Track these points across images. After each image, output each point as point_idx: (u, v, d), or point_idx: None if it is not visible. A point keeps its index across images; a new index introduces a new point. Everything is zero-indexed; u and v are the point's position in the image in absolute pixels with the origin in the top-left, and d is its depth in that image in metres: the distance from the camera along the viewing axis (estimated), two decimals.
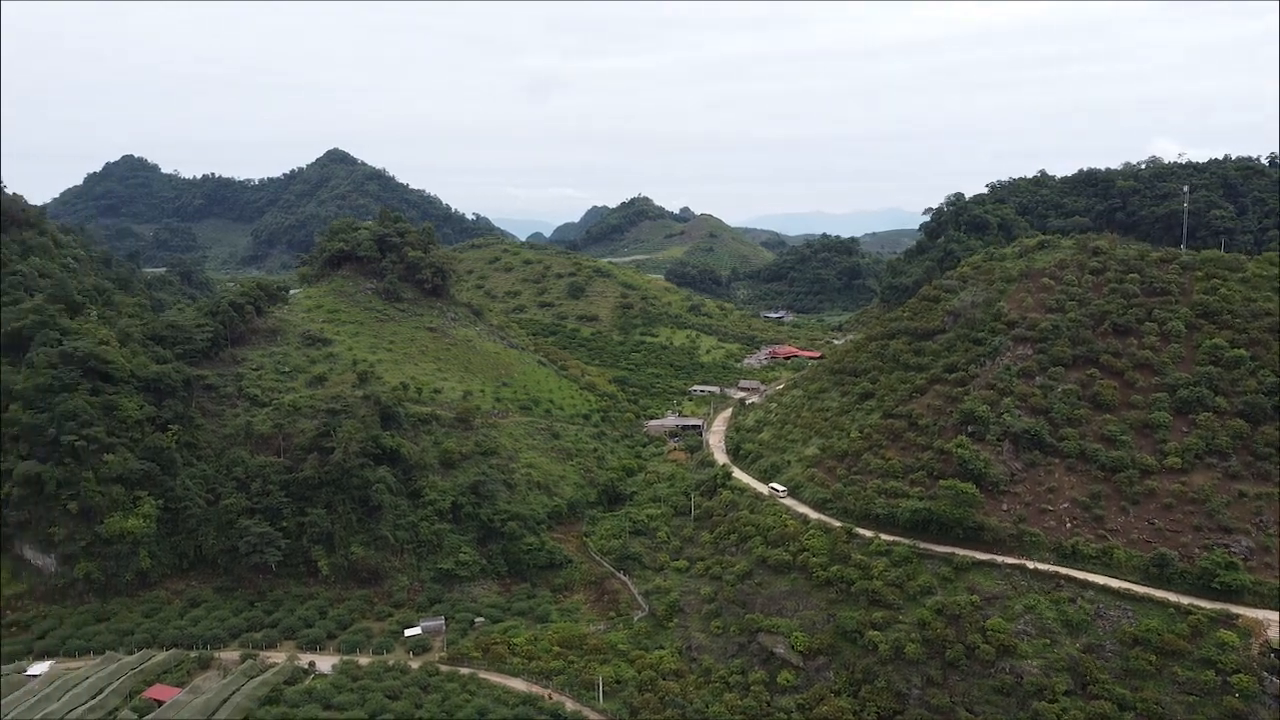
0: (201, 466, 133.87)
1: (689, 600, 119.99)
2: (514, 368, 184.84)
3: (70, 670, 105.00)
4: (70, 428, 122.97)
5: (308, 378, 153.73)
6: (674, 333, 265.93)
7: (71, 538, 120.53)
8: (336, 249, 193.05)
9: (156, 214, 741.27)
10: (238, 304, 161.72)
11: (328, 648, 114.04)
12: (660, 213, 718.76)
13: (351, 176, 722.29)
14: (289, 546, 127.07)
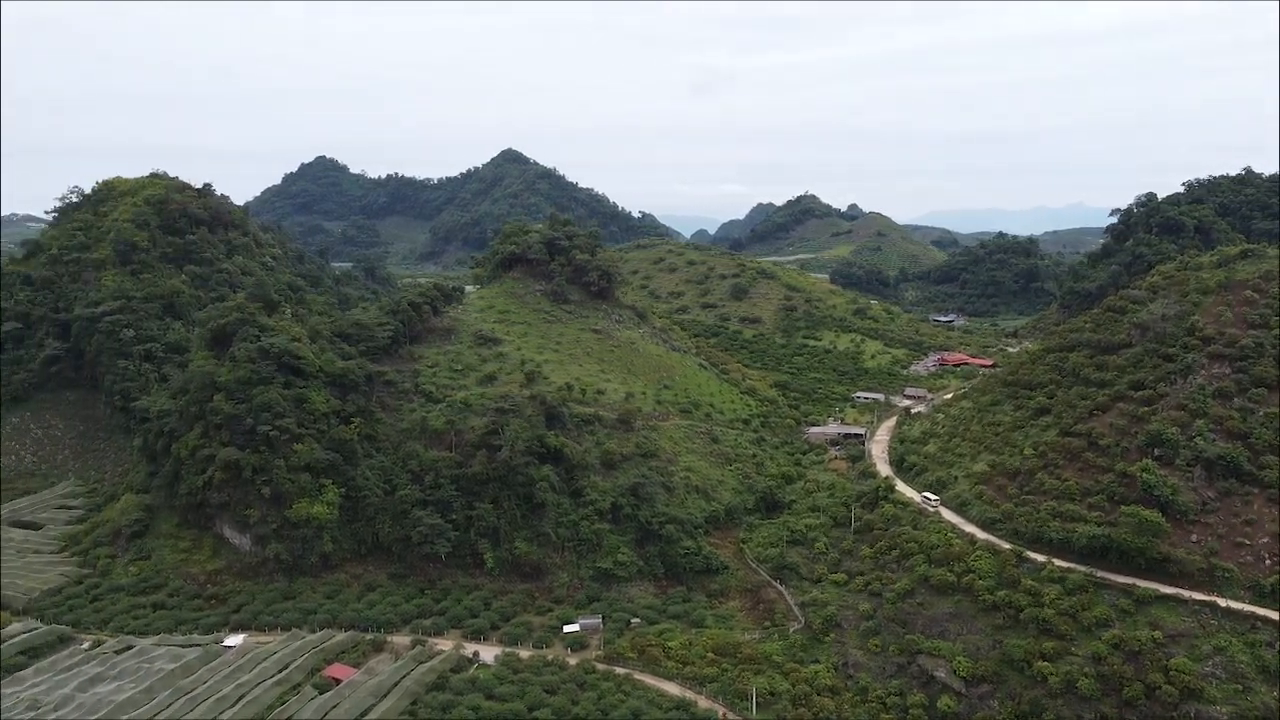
0: (380, 458, 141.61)
1: (847, 615, 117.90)
2: (675, 370, 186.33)
3: (260, 644, 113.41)
4: (265, 418, 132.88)
5: (479, 376, 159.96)
6: (838, 336, 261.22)
7: (264, 520, 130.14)
8: (508, 252, 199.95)
9: (345, 211, 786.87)
10: (416, 304, 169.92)
11: (491, 638, 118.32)
12: (827, 210, 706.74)
13: (524, 176, 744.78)
14: (458, 538, 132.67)
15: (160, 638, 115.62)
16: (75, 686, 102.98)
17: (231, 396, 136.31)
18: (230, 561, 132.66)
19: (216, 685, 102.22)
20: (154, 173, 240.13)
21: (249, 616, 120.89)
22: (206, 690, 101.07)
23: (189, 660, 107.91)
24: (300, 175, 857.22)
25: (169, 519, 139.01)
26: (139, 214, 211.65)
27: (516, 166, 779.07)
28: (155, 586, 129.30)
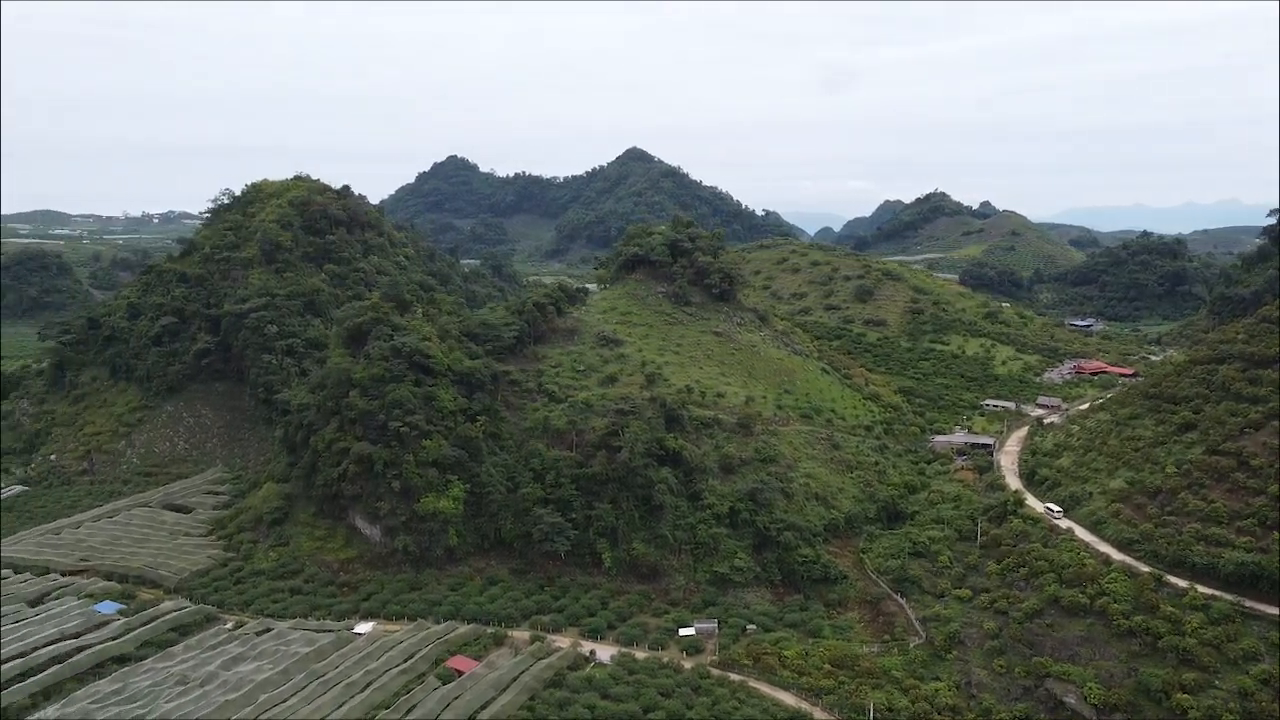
0: (503, 456, 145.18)
1: (970, 633, 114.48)
2: (797, 374, 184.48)
3: (388, 632, 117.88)
4: (397, 415, 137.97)
5: (600, 377, 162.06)
6: (966, 341, 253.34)
7: (393, 512, 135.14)
8: (631, 253, 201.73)
9: (474, 209, 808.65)
10: (541, 304, 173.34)
11: (607, 638, 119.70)
12: (957, 208, 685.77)
13: (648, 174, 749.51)
14: (577, 537, 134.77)
15: (296, 622, 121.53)
16: (219, 664, 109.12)
17: (365, 393, 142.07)
18: (361, 551, 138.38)
19: (347, 671, 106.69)
20: (297, 175, 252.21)
21: (378, 605, 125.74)
22: (337, 675, 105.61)
23: (322, 645, 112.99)
24: (433, 174, 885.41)
25: (306, 508, 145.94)
26: (283, 215, 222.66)
27: (641, 165, 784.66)
28: (293, 572, 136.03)
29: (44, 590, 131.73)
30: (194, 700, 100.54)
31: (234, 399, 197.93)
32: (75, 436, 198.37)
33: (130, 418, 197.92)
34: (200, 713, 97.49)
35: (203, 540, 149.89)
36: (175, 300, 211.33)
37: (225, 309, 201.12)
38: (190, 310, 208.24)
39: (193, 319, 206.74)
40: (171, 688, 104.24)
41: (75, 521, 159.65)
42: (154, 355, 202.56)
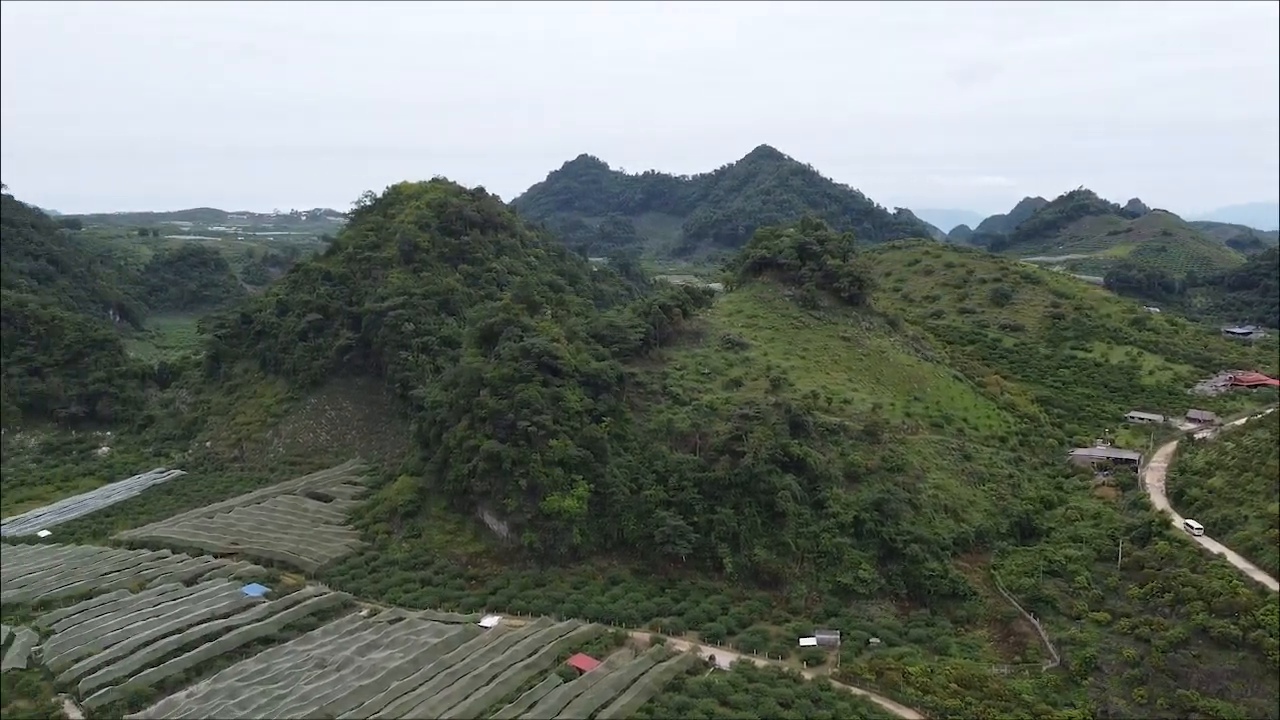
0: (627, 457, 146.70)
1: (1108, 659, 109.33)
2: (927, 381, 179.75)
3: (512, 627, 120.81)
4: (525, 414, 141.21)
5: (725, 380, 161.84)
6: (1111, 348, 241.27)
7: (520, 509, 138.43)
8: (758, 256, 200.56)
9: (603, 208, 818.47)
10: (667, 307, 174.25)
11: (727, 643, 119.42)
12: (1103, 207, 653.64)
13: (777, 172, 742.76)
14: (698, 541, 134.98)
15: (426, 613, 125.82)
16: (355, 650, 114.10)
17: (496, 392, 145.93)
18: (489, 546, 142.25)
19: (473, 663, 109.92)
20: (435, 178, 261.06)
21: (503, 600, 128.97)
22: (464, 667, 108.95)
23: (450, 636, 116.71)
24: (563, 173, 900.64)
25: (438, 502, 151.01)
26: (421, 217, 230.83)
27: (770, 163, 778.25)
28: (424, 563, 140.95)
29: (198, 571, 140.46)
30: (331, 683, 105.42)
31: (373, 393, 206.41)
32: (228, 425, 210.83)
33: (278, 409, 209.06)
34: (336, 696, 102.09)
35: (341, 529, 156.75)
36: (320, 298, 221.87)
37: (366, 307, 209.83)
38: (333, 308, 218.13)
39: (336, 316, 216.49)
40: (310, 670, 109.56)
41: (226, 506, 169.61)
42: (300, 350, 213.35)
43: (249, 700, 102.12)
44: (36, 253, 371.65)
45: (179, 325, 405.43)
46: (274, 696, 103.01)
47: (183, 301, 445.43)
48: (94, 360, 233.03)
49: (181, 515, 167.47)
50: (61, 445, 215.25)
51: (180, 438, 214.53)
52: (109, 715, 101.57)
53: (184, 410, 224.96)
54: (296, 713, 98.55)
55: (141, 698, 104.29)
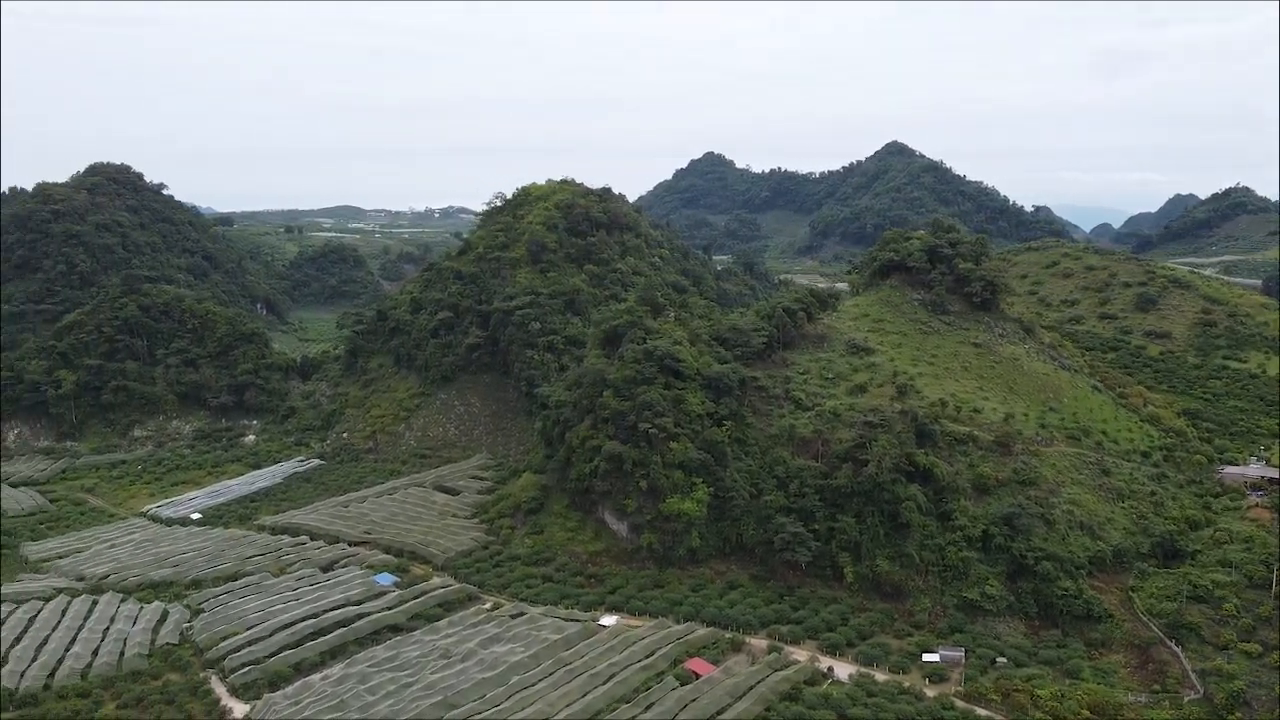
0: (748, 462, 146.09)
1: (1258, 694, 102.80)
2: (1063, 391, 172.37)
3: (630, 627, 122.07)
4: (647, 416, 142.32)
5: (849, 386, 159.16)
6: (1268, 359, 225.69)
7: (640, 510, 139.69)
8: (886, 259, 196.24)
9: (728, 205, 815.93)
10: (791, 310, 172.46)
11: (846, 655, 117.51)
12: (1263, 204, 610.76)
13: (908, 169, 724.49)
14: (819, 549, 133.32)
15: (547, 609, 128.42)
16: (478, 642, 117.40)
17: (618, 394, 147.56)
18: (609, 545, 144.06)
19: (591, 661, 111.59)
20: (563, 179, 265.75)
21: (622, 599, 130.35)
22: (583, 665, 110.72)
23: (570, 633, 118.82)
24: (689, 171, 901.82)
25: (560, 499, 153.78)
26: (549, 218, 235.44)
27: (900, 159, 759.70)
28: (545, 560, 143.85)
29: (334, 558, 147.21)
30: (455, 674, 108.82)
31: (499, 390, 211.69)
32: (363, 418, 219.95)
33: (410, 403, 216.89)
34: (460, 686, 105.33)
35: (467, 522, 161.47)
36: (451, 296, 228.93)
37: (494, 306, 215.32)
38: (464, 306, 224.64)
39: (465, 314, 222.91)
40: (436, 660, 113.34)
41: (360, 496, 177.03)
42: (431, 347, 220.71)
43: (378, 686, 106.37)
44: (193, 250, 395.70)
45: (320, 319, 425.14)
46: (402, 684, 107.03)
47: (323, 296, 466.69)
48: (242, 353, 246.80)
49: (320, 503, 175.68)
50: (212, 432, 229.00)
51: (319, 428, 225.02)
52: (250, 693, 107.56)
53: (323, 402, 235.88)
54: (422, 701, 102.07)
55: (280, 678, 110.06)
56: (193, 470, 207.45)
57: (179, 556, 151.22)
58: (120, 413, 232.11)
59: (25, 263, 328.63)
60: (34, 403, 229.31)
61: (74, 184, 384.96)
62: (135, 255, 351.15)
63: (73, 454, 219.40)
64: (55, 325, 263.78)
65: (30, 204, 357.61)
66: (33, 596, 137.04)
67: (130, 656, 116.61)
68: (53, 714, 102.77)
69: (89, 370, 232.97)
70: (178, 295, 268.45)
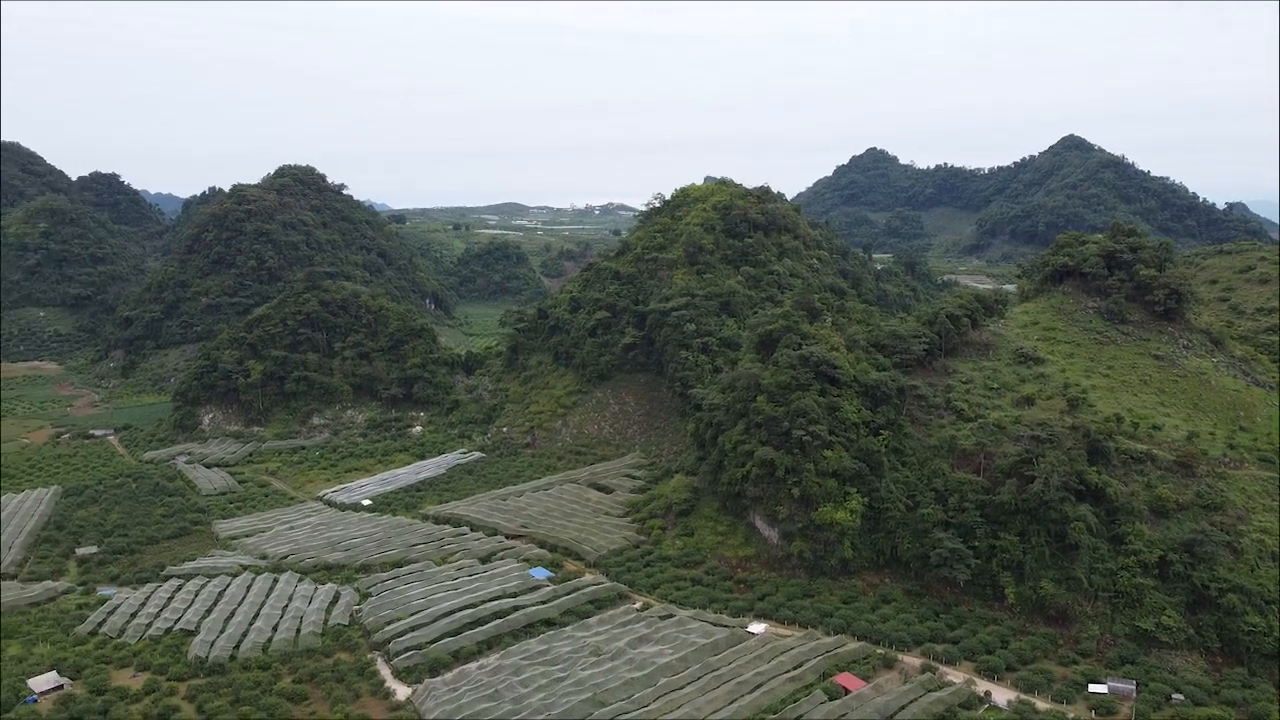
0: (904, 473, 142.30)
1: None
2: (1256, 409, 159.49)
3: (778, 636, 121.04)
4: (800, 423, 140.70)
5: (1014, 397, 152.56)
6: None
7: (791, 518, 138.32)
8: (1060, 263, 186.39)
9: (890, 202, 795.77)
10: (954, 316, 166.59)
11: (1005, 679, 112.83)
12: None
13: (1085, 164, 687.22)
14: (978, 567, 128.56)
15: (695, 612, 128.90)
16: (627, 642, 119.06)
17: (772, 399, 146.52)
18: (759, 551, 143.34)
19: (739, 669, 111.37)
20: (722, 179, 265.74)
21: (771, 607, 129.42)
22: (730, 671, 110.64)
23: (718, 638, 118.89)
24: (850, 167, 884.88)
25: (710, 502, 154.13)
26: (707, 219, 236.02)
27: (1077, 154, 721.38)
28: (695, 563, 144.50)
29: (492, 550, 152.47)
30: (604, 672, 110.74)
31: (653, 390, 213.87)
32: (523, 413, 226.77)
33: (567, 400, 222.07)
34: (608, 685, 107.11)
35: (620, 520, 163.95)
36: (609, 296, 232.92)
37: (651, 306, 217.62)
38: (621, 306, 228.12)
39: (623, 314, 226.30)
40: (586, 656, 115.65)
41: (518, 490, 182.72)
42: (589, 345, 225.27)
43: (531, 679, 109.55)
44: (369, 247, 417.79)
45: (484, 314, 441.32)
46: (553, 678, 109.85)
47: (488, 291, 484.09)
48: (412, 348, 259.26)
49: (480, 495, 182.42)
50: (383, 422, 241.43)
51: (481, 422, 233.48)
52: (412, 677, 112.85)
53: (485, 397, 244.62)
54: (573, 697, 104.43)
55: (440, 664, 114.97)
56: (364, 458, 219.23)
57: (350, 541, 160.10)
58: (301, 401, 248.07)
59: (221, 259, 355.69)
60: (227, 390, 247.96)
61: (265, 185, 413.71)
62: (317, 252, 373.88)
63: (259, 438, 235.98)
64: (246, 318, 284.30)
65: (227, 204, 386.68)
66: (222, 572, 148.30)
67: (305, 634, 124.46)
68: (237, 683, 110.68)
69: (274, 361, 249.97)
70: (355, 291, 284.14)
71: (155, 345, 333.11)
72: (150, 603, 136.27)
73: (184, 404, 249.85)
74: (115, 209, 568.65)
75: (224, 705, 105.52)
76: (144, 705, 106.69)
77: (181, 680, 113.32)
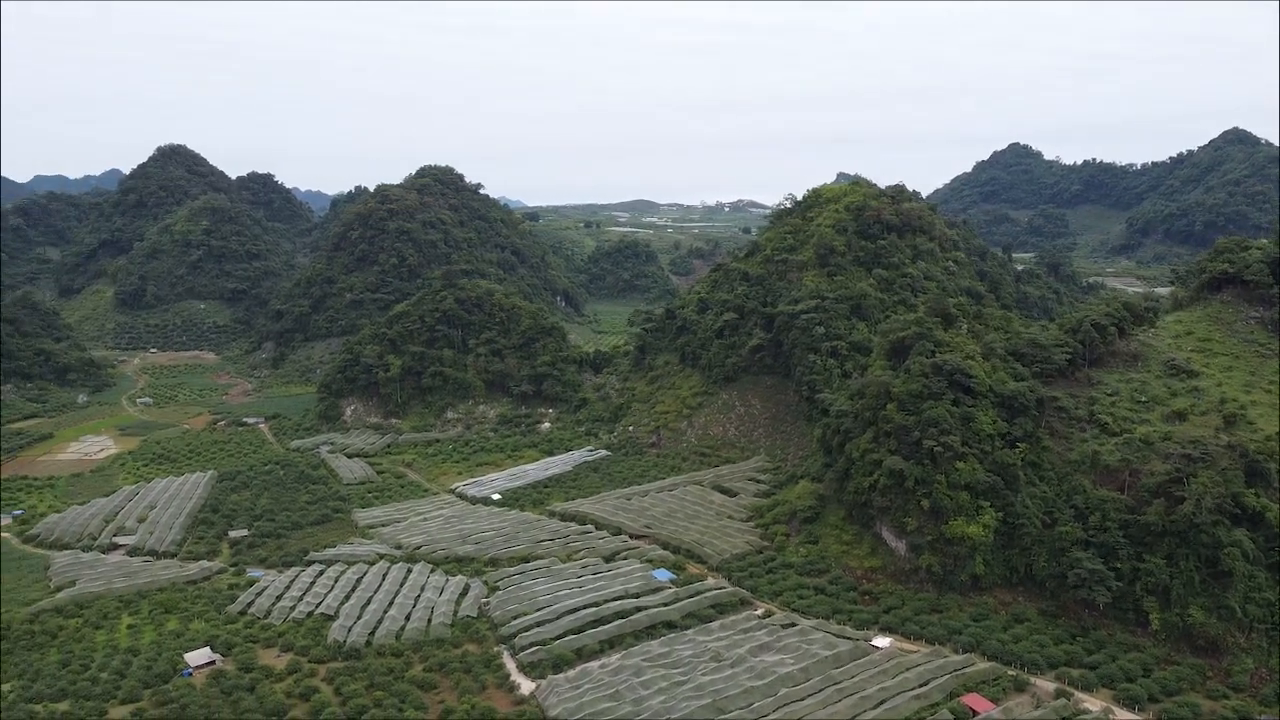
0: (1041, 487, 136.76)
1: None
2: None
3: (904, 651, 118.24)
4: (932, 433, 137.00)
5: (1165, 412, 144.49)
6: None
7: (920, 530, 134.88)
8: (1219, 270, 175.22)
9: (1033, 200, 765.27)
10: (1100, 324, 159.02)
11: (1147, 710, 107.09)
12: None
13: (1250, 159, 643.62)
14: (1120, 589, 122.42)
15: (818, 622, 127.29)
16: (748, 649, 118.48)
17: (902, 408, 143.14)
18: (885, 562, 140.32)
19: (862, 683, 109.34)
20: (855, 180, 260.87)
21: (897, 621, 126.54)
22: (853, 685, 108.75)
23: (841, 651, 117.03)
24: (991, 163, 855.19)
25: (836, 511, 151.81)
26: (839, 220, 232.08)
27: (1241, 149, 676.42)
28: (819, 571, 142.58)
29: (616, 549, 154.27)
30: (724, 679, 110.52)
31: (780, 393, 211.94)
32: (648, 413, 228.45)
33: (692, 401, 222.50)
34: (728, 692, 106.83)
35: (743, 525, 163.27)
36: (737, 297, 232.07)
37: (779, 308, 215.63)
38: (749, 307, 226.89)
39: (750, 316, 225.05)
40: (707, 662, 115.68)
41: (643, 490, 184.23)
42: (716, 347, 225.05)
43: (651, 681, 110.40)
44: (504, 245, 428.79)
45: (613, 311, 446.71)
46: (673, 681, 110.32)
47: (617, 289, 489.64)
48: (542, 345, 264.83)
49: (605, 494, 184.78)
50: (513, 418, 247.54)
51: (608, 420, 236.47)
52: (536, 672, 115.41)
53: (612, 395, 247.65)
54: (692, 702, 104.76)
55: (563, 661, 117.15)
56: (494, 452, 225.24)
57: (480, 534, 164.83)
58: (436, 396, 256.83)
59: (365, 256, 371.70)
60: (368, 383, 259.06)
61: (407, 185, 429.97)
62: (455, 250, 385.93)
63: (396, 431, 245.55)
64: (386, 314, 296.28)
65: (371, 204, 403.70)
66: (360, 559, 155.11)
67: (436, 624, 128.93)
68: (372, 669, 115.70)
69: (412, 356, 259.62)
70: (489, 290, 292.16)
71: (303, 338, 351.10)
72: (294, 586, 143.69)
73: (328, 395, 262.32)
74: (269, 207, 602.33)
75: (359, 689, 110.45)
76: (287, 685, 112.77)
77: (321, 662, 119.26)
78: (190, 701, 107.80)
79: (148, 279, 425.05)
